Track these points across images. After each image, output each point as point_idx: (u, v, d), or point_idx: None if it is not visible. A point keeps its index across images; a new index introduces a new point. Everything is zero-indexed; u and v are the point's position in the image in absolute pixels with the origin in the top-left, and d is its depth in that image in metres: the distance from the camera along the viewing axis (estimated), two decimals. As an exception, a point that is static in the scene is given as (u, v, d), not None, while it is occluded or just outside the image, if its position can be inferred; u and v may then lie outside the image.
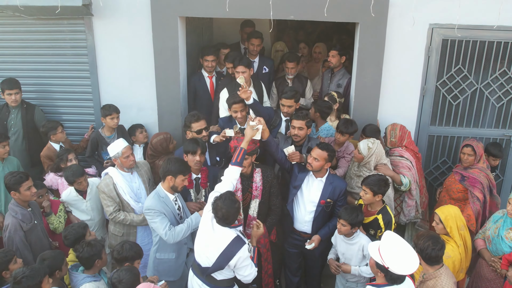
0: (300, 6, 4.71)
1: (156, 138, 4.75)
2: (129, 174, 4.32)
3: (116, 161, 4.25)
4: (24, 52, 5.36)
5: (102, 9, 4.98)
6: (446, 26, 4.74)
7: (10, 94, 5.01)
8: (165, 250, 3.91)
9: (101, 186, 4.23)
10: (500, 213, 4.02)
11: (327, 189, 4.09)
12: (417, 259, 2.95)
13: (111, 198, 4.19)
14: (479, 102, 5.09)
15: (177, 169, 3.77)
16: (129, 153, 4.24)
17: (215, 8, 4.77)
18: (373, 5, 4.48)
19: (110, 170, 4.30)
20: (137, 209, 4.29)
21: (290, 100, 4.65)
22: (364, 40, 4.84)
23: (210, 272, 3.35)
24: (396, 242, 3.01)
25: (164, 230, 3.68)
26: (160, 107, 5.27)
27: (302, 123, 4.33)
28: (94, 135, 5.05)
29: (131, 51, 5.15)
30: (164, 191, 3.84)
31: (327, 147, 3.99)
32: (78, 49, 5.27)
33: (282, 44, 6.81)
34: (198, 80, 5.51)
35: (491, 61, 4.91)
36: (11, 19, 5.18)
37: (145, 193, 4.34)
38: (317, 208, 4.12)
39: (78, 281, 3.42)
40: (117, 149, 4.20)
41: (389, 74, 4.94)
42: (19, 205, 3.86)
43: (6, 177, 3.86)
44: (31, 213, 3.92)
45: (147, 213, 3.76)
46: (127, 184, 4.25)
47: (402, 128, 4.60)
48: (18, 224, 3.78)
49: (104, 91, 5.36)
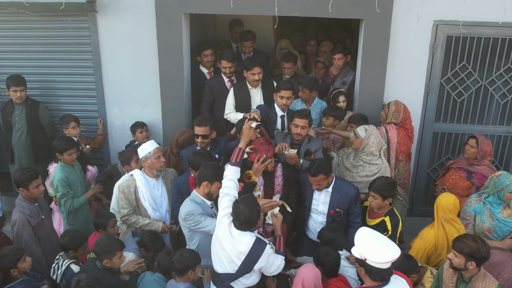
0: (305, 2, 4.70)
1: (182, 136, 4.69)
2: (153, 180, 4.20)
3: (146, 162, 4.12)
4: (29, 49, 5.36)
5: (106, 6, 4.98)
6: (450, 22, 4.74)
7: (16, 91, 5.02)
8: (204, 256, 3.65)
9: (122, 187, 4.12)
10: (475, 203, 4.02)
11: (335, 198, 4.02)
12: (394, 249, 2.87)
13: (128, 201, 4.10)
14: (483, 99, 5.08)
15: (214, 175, 3.61)
16: (160, 153, 4.14)
17: (220, 4, 4.77)
18: (378, 1, 4.47)
19: (136, 172, 4.19)
20: (154, 217, 4.19)
21: (288, 91, 4.60)
22: (368, 36, 4.83)
23: (235, 278, 3.25)
24: (370, 235, 2.99)
25: (213, 224, 3.50)
26: (164, 104, 5.26)
27: (305, 122, 4.30)
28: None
29: (135, 48, 5.15)
30: (200, 197, 3.68)
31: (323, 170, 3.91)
32: (82, 46, 5.27)
33: (287, 42, 6.75)
34: (198, 77, 5.49)
35: (496, 58, 4.91)
36: (15, 16, 5.18)
37: (166, 202, 4.25)
38: (327, 219, 4.08)
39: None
40: (149, 149, 4.09)
41: (394, 70, 4.93)
42: (26, 200, 3.86)
43: (15, 173, 3.86)
44: (38, 208, 3.92)
45: (188, 219, 3.58)
46: (148, 190, 4.14)
47: (405, 110, 4.66)
48: (26, 219, 3.79)
49: (108, 88, 5.37)
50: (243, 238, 3.19)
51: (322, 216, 4.10)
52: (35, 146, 5.23)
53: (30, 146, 5.20)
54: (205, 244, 3.65)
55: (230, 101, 5.07)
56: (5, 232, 4.54)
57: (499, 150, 5.23)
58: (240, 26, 6.11)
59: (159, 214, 4.21)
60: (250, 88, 5.01)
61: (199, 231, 3.65)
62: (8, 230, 5.17)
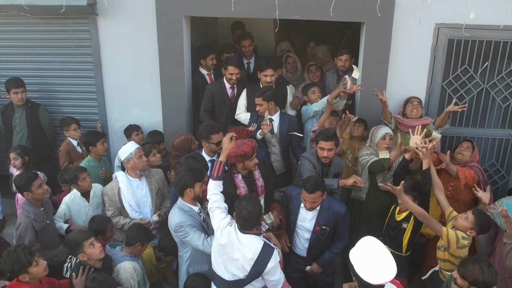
0: (306, 5, 4.69)
1: (177, 139, 4.72)
2: (136, 181, 4.26)
3: (129, 163, 4.18)
4: (29, 51, 5.35)
5: (107, 9, 4.97)
6: (452, 25, 4.72)
7: (17, 93, 5.02)
8: (198, 263, 3.81)
9: (106, 189, 4.25)
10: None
11: (322, 215, 3.90)
12: (392, 269, 2.81)
13: (112, 202, 4.20)
14: (485, 102, 5.06)
15: (191, 179, 3.65)
16: (141, 153, 4.21)
17: (220, 7, 4.75)
18: (379, 4, 4.46)
19: (119, 174, 4.27)
20: (133, 217, 4.24)
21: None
22: (369, 39, 4.82)
23: (246, 283, 3.28)
24: (372, 249, 2.92)
25: (200, 240, 3.61)
26: (164, 106, 5.26)
27: (331, 144, 4.11)
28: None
29: (136, 50, 5.14)
30: (187, 205, 3.72)
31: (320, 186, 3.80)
32: (83, 48, 5.25)
33: (288, 44, 6.75)
34: (198, 79, 5.48)
35: (497, 61, 4.89)
36: (15, 18, 5.17)
37: (150, 202, 4.30)
38: (311, 235, 3.97)
39: (117, 258, 3.67)
40: (130, 150, 4.17)
41: (395, 73, 4.92)
42: (32, 204, 3.85)
43: (15, 180, 3.87)
44: (43, 213, 3.90)
45: (178, 230, 3.63)
46: (130, 191, 4.20)
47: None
48: (30, 224, 3.78)
49: (109, 91, 5.35)
50: (252, 242, 3.24)
51: (308, 233, 3.99)
52: (36, 149, 5.23)
53: (31, 148, 5.18)
54: (198, 252, 3.72)
55: (242, 102, 5.08)
56: (7, 234, 4.55)
57: (501, 153, 5.22)
58: (242, 29, 6.11)
59: (139, 214, 4.25)
60: None
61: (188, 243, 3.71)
62: (8, 233, 5.19)
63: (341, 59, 5.23)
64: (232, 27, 6.20)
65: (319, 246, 4.02)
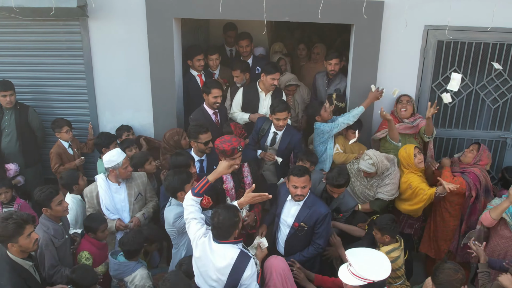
0: (294, 7, 4.70)
1: (168, 132, 4.78)
2: (116, 185, 4.21)
3: (114, 172, 4.12)
4: (20, 53, 5.37)
5: (97, 11, 4.99)
6: (441, 27, 4.72)
7: (5, 96, 5.03)
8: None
9: (86, 191, 4.28)
10: None
11: (303, 212, 3.86)
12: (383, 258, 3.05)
13: (91, 204, 4.24)
14: (474, 104, 5.07)
15: (180, 183, 3.63)
16: (127, 164, 4.18)
17: (209, 9, 4.77)
18: (368, 6, 4.47)
19: (98, 178, 4.24)
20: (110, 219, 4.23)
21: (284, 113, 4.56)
22: (359, 41, 4.83)
23: None
24: (362, 254, 3.05)
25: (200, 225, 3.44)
26: (155, 108, 5.27)
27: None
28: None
29: (127, 52, 5.15)
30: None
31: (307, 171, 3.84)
32: (74, 50, 5.27)
33: (281, 45, 6.77)
34: (189, 80, 5.48)
35: (487, 63, 4.89)
36: (6, 20, 5.19)
37: (128, 207, 4.25)
38: (290, 230, 3.94)
39: (129, 268, 3.74)
40: (117, 160, 4.09)
41: (384, 75, 4.92)
42: (50, 219, 3.65)
43: (35, 193, 3.62)
44: (62, 228, 3.74)
45: (178, 221, 3.58)
46: (107, 195, 4.17)
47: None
48: (49, 240, 3.57)
49: (100, 92, 5.37)
50: (226, 251, 3.15)
51: (287, 227, 3.97)
52: (25, 151, 5.24)
53: (20, 151, 5.21)
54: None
55: (237, 101, 5.09)
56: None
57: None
58: (234, 31, 6.12)
59: (116, 216, 4.24)
60: (260, 91, 5.05)
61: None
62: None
63: (331, 63, 5.28)
64: (224, 28, 6.20)
65: (295, 243, 3.98)
